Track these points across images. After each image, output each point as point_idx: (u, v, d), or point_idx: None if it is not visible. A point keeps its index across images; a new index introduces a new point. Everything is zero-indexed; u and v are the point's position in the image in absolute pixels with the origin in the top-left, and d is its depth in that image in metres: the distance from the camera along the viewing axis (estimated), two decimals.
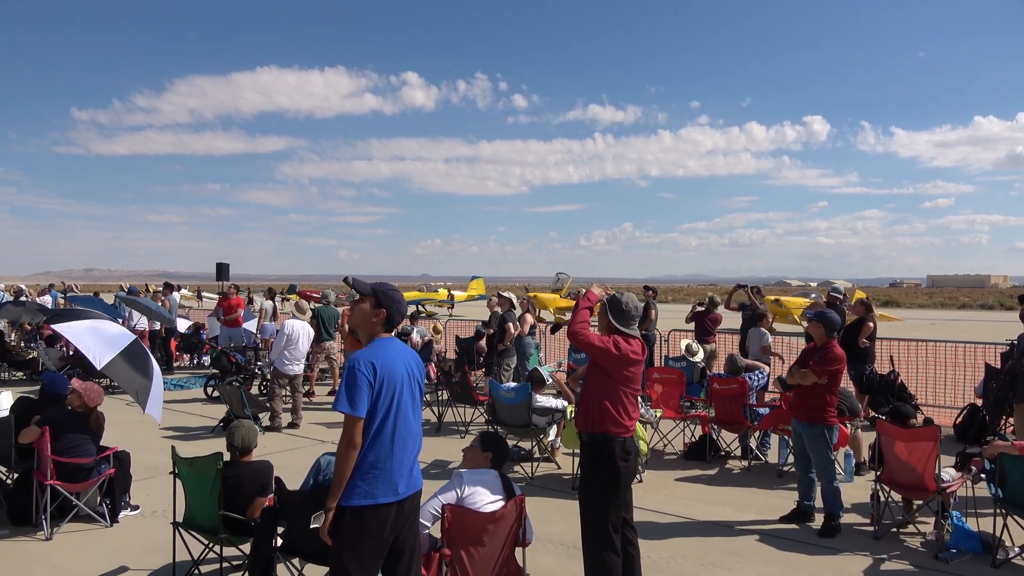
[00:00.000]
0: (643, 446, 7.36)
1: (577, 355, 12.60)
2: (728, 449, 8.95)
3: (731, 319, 13.05)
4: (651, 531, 6.13)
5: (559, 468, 8.21)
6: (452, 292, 41.66)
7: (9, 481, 6.65)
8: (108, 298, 19.50)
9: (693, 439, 9.10)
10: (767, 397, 10.06)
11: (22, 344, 16.35)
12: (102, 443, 6.41)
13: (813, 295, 31.24)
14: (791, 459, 7.74)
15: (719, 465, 8.50)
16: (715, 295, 13.19)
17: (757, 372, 8.88)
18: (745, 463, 8.51)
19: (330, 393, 13.18)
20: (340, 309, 13.04)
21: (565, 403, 8.12)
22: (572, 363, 12.57)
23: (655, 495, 7.22)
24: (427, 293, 40.18)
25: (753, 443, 8.61)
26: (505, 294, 12.36)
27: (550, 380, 8.50)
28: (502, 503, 4.27)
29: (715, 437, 8.87)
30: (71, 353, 13.09)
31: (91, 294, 22.42)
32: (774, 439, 8.71)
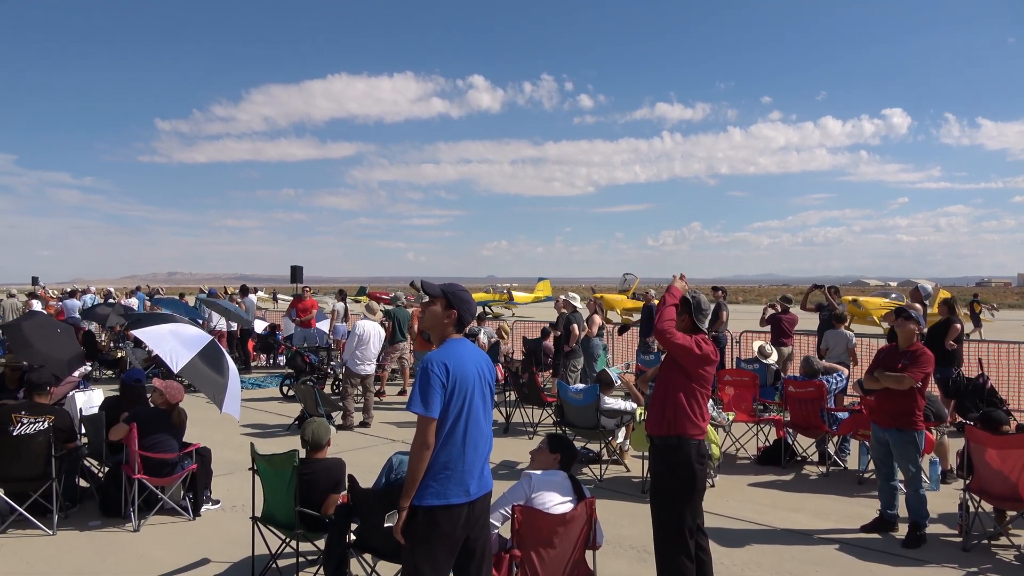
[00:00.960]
0: (715, 450, 7.20)
1: (645, 356, 12.45)
2: (804, 454, 8.67)
3: (806, 320, 12.66)
4: (724, 537, 5.99)
5: (628, 471, 8.11)
6: (511, 292, 41.76)
7: (100, 475, 6.99)
8: (190, 300, 20.32)
9: (767, 443, 8.86)
10: (846, 401, 9.71)
11: (111, 344, 17.19)
12: (185, 439, 6.67)
13: (893, 295, 30.03)
14: (872, 466, 7.44)
15: (795, 471, 8.24)
16: (789, 295, 12.83)
17: (836, 375, 8.57)
18: (823, 469, 8.22)
19: (400, 393, 13.38)
20: (411, 310, 13.24)
21: (634, 405, 8.02)
22: (640, 364, 12.44)
23: (727, 500, 7.05)
24: (493, 294, 40.44)
25: (831, 448, 8.32)
26: (570, 296, 12.31)
27: (619, 382, 8.42)
28: (572, 505, 4.24)
29: (791, 442, 8.60)
30: (156, 353, 13.70)
31: (175, 296, 23.40)
32: (854, 444, 8.39)
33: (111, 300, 20.25)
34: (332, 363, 13.76)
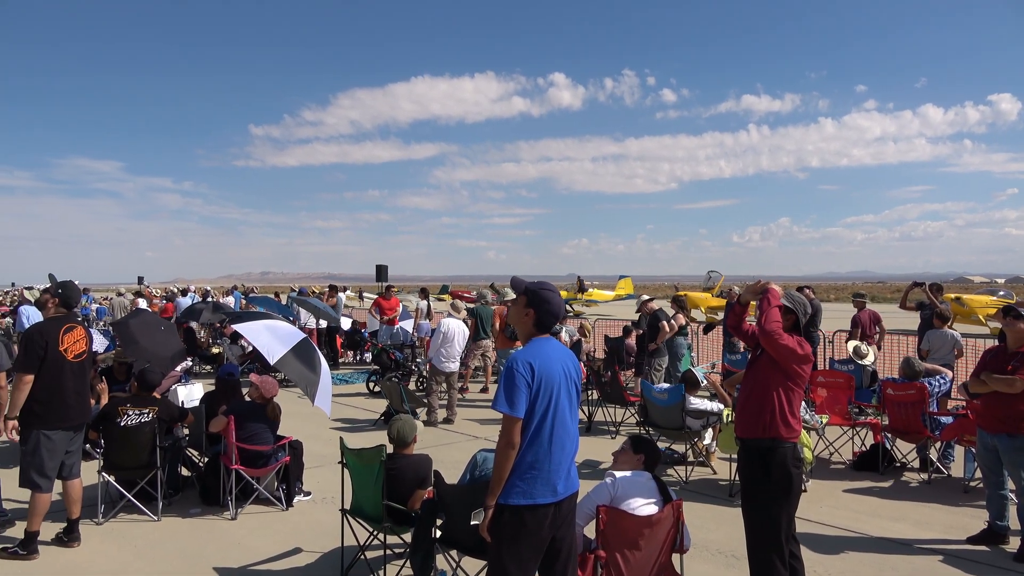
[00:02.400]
0: (807, 454, 6.94)
1: (732, 356, 12.13)
2: (904, 460, 8.25)
3: (904, 319, 12.04)
4: (817, 544, 5.76)
5: (715, 473, 7.91)
6: (582, 281, 41.39)
7: (201, 464, 7.35)
8: (282, 299, 21.11)
9: (863, 448, 8.48)
10: (950, 404, 9.19)
11: (209, 341, 18.04)
12: (278, 432, 6.93)
13: (1001, 292, 28.22)
14: (979, 473, 7.00)
15: (894, 477, 7.84)
16: (862, 291, 12.28)
17: (939, 377, 8.11)
18: (924, 476, 7.80)
19: (482, 390, 13.50)
20: (493, 308, 13.34)
21: (721, 406, 7.82)
22: (727, 365, 12.12)
23: (821, 506, 6.79)
24: (574, 293, 40.27)
25: (934, 455, 7.88)
26: (643, 298, 12.18)
27: (705, 382, 8.22)
28: (658, 507, 4.17)
29: (889, 447, 8.19)
30: (251, 349, 14.28)
31: (269, 295, 24.39)
32: (959, 451, 7.92)
33: (209, 299, 21.27)
34: (417, 360, 14.02)
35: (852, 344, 10.58)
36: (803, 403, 6.41)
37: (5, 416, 5.56)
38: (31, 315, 14.88)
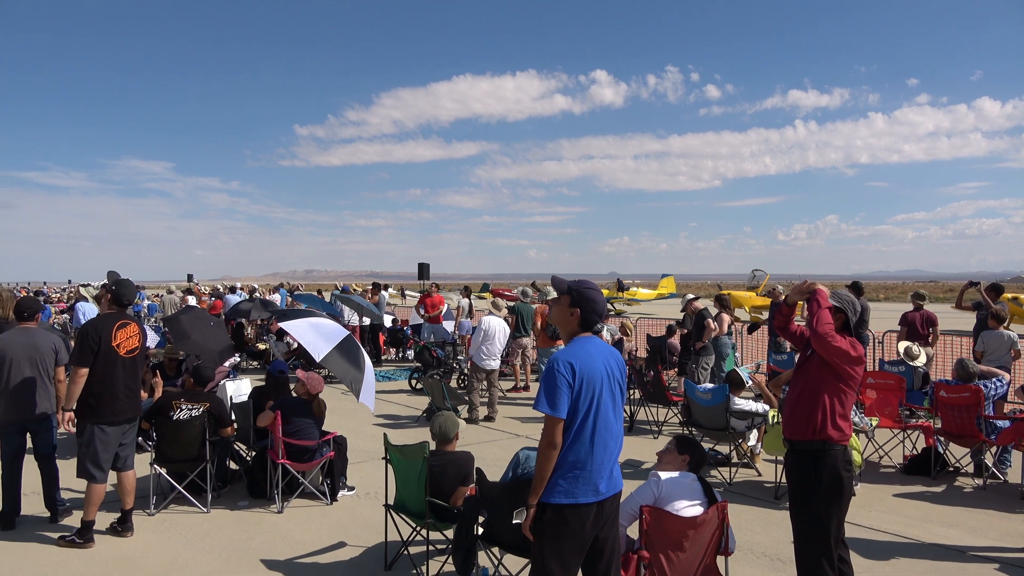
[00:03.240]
0: (857, 456, 6.78)
1: (778, 356, 11.93)
2: (958, 465, 8.01)
3: (958, 320, 11.68)
4: (867, 549, 5.63)
5: (760, 475, 7.79)
6: (624, 286, 41.08)
7: (248, 458, 7.50)
8: (326, 296, 21.42)
9: (915, 452, 8.25)
10: (1007, 408, 8.88)
11: (256, 337, 18.41)
12: (323, 428, 7.03)
13: None
14: None
15: (947, 482, 7.62)
16: (922, 291, 11.91)
17: (995, 380, 7.85)
18: (979, 481, 7.56)
19: (512, 389, 13.48)
20: (534, 307, 13.34)
21: (766, 407, 7.69)
22: (772, 365, 11.93)
23: (870, 511, 6.63)
24: (614, 291, 40.01)
25: (989, 459, 7.63)
26: (687, 297, 12.03)
27: (750, 382, 8.09)
28: (702, 508, 4.12)
29: (942, 450, 7.96)
30: (296, 346, 14.53)
31: (313, 293, 24.77)
32: (1016, 456, 7.65)
33: (256, 296, 21.69)
34: (459, 358, 14.09)
35: (903, 345, 10.31)
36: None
37: (62, 408, 5.75)
38: (87, 311, 15.35)
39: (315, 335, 7.31)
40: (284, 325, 7.89)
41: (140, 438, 6.73)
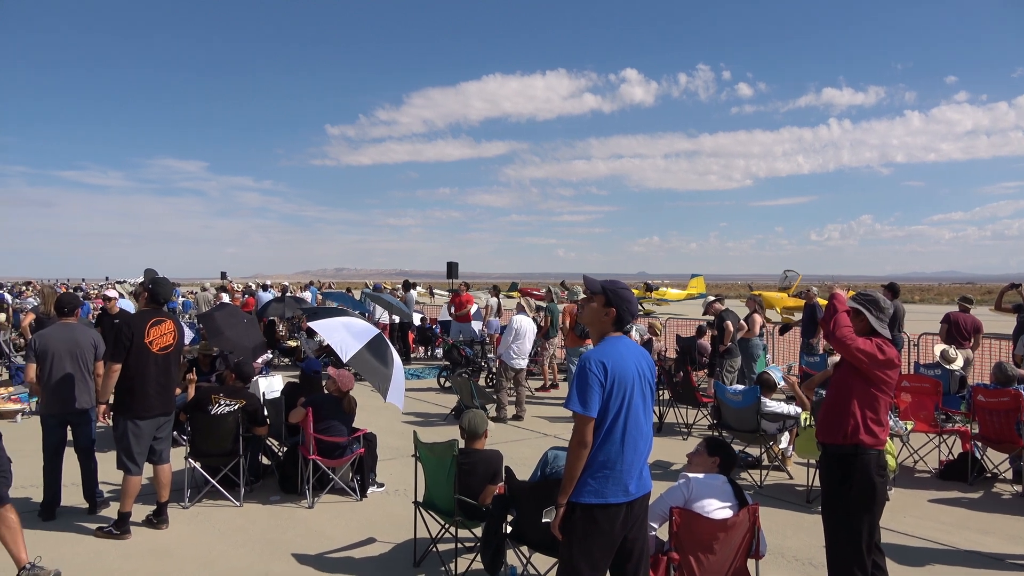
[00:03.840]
0: (891, 461, 6.67)
1: (810, 358, 11.77)
2: (996, 471, 7.83)
3: (995, 322, 11.42)
4: (902, 556, 5.54)
5: (791, 478, 7.70)
6: (652, 286, 40.82)
7: (280, 454, 7.60)
8: (355, 294, 21.60)
9: (951, 457, 8.09)
10: None
11: (287, 334, 18.64)
12: (354, 425, 7.10)
13: None
14: None
15: (984, 488, 7.46)
16: (969, 295, 11.64)
17: None
18: (1018, 488, 7.38)
19: (541, 388, 13.47)
20: (562, 307, 13.32)
21: (798, 409, 7.59)
22: (804, 367, 11.77)
23: (905, 517, 6.52)
24: (643, 291, 39.78)
25: None
26: (710, 298, 11.93)
27: (783, 384, 8.00)
28: (733, 511, 4.08)
29: (979, 456, 7.80)
30: (326, 343, 14.67)
31: (343, 290, 24.98)
32: None
33: (287, 294, 21.94)
34: (488, 356, 14.13)
35: (939, 348, 10.11)
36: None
37: (98, 401, 5.89)
38: (124, 308, 15.66)
39: (344, 334, 7.36)
40: (314, 325, 7.96)
41: (175, 432, 6.85)
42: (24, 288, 30.82)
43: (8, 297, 23.06)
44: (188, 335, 11.92)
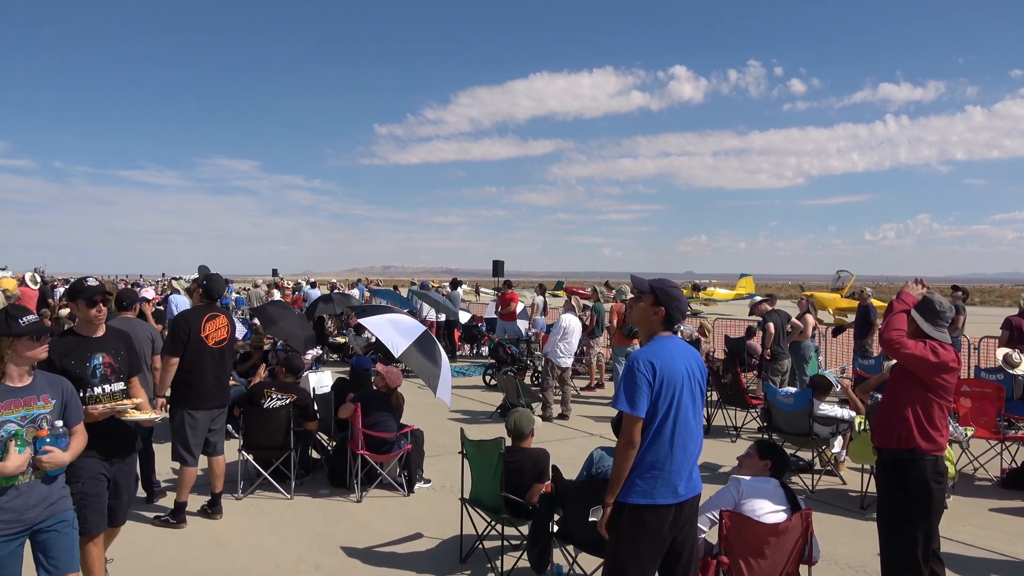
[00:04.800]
0: (950, 468, 6.46)
1: (864, 361, 11.48)
2: None
3: None
4: (961, 566, 5.36)
5: (844, 483, 7.51)
6: (699, 286, 40.26)
7: (329, 448, 7.73)
8: (402, 292, 21.82)
9: (1014, 465, 7.79)
10: None
11: (336, 331, 18.93)
12: (401, 421, 7.18)
13: None
14: None
15: None
16: None
17: None
18: None
19: (587, 387, 13.41)
20: (608, 305, 13.25)
21: (853, 413, 7.41)
22: (858, 370, 11.48)
23: (964, 525, 6.30)
24: (690, 291, 39.31)
25: None
26: (756, 298, 11.66)
27: (837, 386, 7.81)
28: (785, 515, 4.00)
29: None
30: (375, 340, 14.86)
31: (391, 288, 25.29)
32: None
33: (336, 291, 22.32)
34: (534, 354, 14.13)
35: (1002, 351, 9.74)
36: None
37: (156, 394, 6.07)
38: (179, 303, 16.10)
39: (393, 331, 7.45)
40: (363, 321, 8.07)
41: (229, 426, 7.02)
42: None
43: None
44: (240, 330, 12.21)
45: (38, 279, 15.14)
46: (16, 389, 3.32)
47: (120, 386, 4.31)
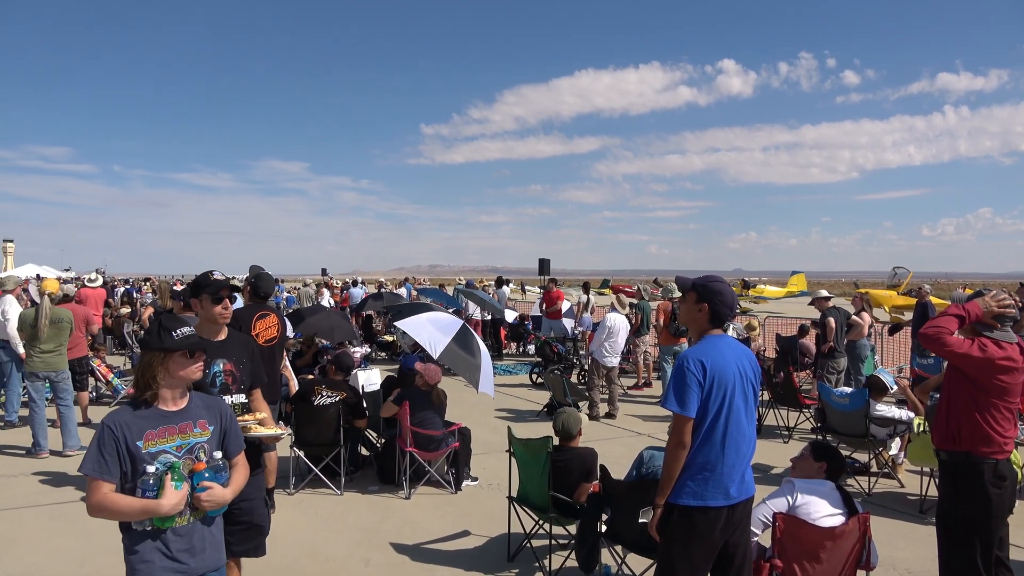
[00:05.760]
0: (1020, 472, 6.19)
1: (923, 360, 11.11)
2: None
3: None
4: None
5: (902, 486, 7.29)
6: (749, 283, 39.56)
7: (378, 445, 7.81)
8: (448, 290, 21.95)
9: None
10: None
11: (385, 329, 19.15)
12: (448, 419, 7.21)
13: None
14: None
15: None
16: None
17: None
18: None
19: (634, 386, 13.28)
20: (655, 304, 13.10)
21: (911, 414, 7.17)
22: (917, 369, 11.13)
23: None
24: (739, 289, 38.66)
25: None
26: (819, 293, 11.33)
27: (894, 387, 7.57)
28: (842, 519, 3.89)
29: None
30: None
31: (437, 287, 25.47)
32: None
33: (383, 290, 22.58)
34: (579, 353, 14.07)
35: None
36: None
37: None
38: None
39: (432, 329, 7.45)
40: (401, 324, 8.06)
41: (280, 423, 7.15)
42: (144, 284, 32.96)
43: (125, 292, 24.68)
44: (291, 329, 12.46)
45: (96, 277, 15.62)
46: (170, 414, 2.83)
47: (241, 398, 3.96)
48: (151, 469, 2.69)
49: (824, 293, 11.22)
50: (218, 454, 2.88)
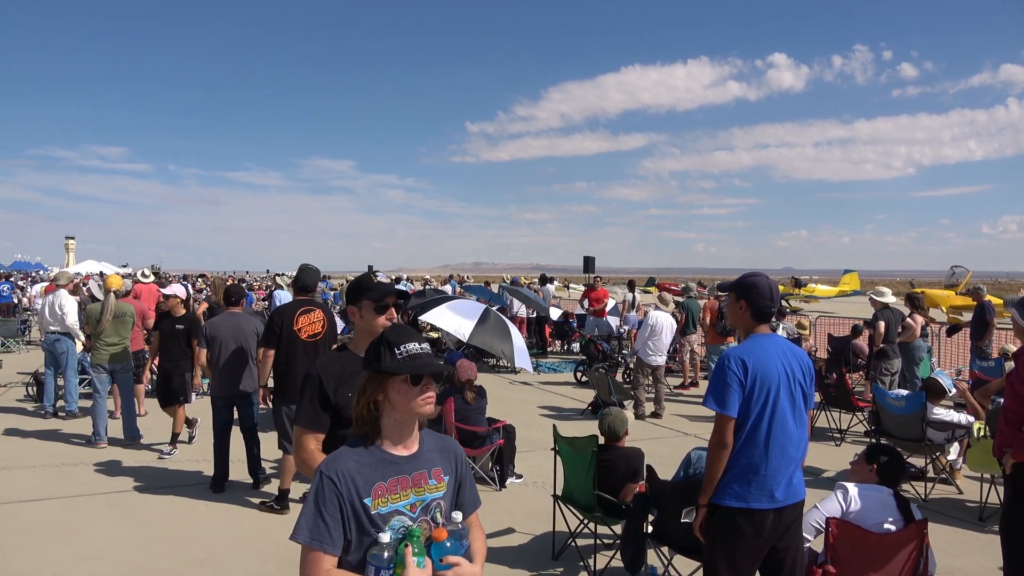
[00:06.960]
0: None
1: (983, 363, 10.74)
2: None
3: None
4: None
5: (960, 493, 7.05)
6: (801, 282, 38.71)
7: None
8: (493, 288, 22.01)
9: None
10: None
11: (428, 326, 19.32)
12: (492, 416, 7.22)
13: None
14: None
15: None
16: None
17: None
18: None
19: (680, 386, 13.12)
20: (702, 303, 12.94)
21: (971, 419, 6.93)
22: (976, 372, 10.75)
23: None
24: (790, 287, 37.89)
25: None
26: (876, 292, 10.95)
27: (953, 390, 7.33)
28: (897, 525, 3.78)
29: None
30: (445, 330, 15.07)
31: (481, 284, 25.61)
32: None
33: (428, 286, 22.78)
34: (624, 352, 13.97)
35: None
36: None
37: (258, 385, 6.31)
38: (282, 298, 16.82)
39: (454, 316, 7.44)
40: (423, 318, 8.05)
41: None
42: (199, 280, 33.83)
43: (181, 288, 25.38)
44: (339, 324, 12.65)
45: (149, 273, 16.05)
46: (401, 460, 2.11)
47: None
48: (385, 539, 1.96)
49: (884, 291, 10.71)
50: (457, 515, 2.12)
